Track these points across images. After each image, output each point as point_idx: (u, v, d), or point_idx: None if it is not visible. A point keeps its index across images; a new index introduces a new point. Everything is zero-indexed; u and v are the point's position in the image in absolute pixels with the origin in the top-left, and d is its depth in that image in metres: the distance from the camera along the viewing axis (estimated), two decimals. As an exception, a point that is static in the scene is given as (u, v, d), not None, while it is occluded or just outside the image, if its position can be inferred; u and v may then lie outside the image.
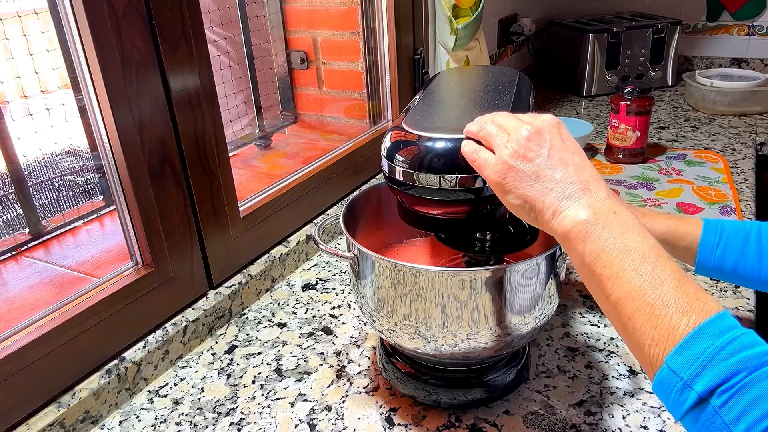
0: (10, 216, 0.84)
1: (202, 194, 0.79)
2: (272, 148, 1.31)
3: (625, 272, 0.43)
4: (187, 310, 0.80)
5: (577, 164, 0.48)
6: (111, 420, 0.70)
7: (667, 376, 0.39)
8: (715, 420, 0.36)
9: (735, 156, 1.33)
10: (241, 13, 1.19)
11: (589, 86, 1.81)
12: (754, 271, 0.66)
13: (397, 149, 0.58)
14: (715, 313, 0.39)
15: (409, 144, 0.57)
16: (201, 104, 0.76)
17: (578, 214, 0.46)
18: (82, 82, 0.66)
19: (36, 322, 0.65)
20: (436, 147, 0.55)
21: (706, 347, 0.38)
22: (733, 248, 0.67)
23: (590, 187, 0.47)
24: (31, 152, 0.87)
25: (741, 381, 0.36)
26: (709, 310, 0.39)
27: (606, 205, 0.46)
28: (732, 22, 1.89)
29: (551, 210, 0.47)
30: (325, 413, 0.68)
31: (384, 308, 0.62)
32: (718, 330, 0.38)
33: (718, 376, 0.36)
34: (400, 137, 0.58)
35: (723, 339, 0.38)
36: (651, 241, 0.44)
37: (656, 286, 0.41)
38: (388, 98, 1.26)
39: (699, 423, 0.37)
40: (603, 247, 0.44)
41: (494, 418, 0.66)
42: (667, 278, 0.41)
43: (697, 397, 0.37)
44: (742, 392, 0.36)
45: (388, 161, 0.58)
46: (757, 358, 0.37)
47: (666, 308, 0.40)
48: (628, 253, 0.43)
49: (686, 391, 0.38)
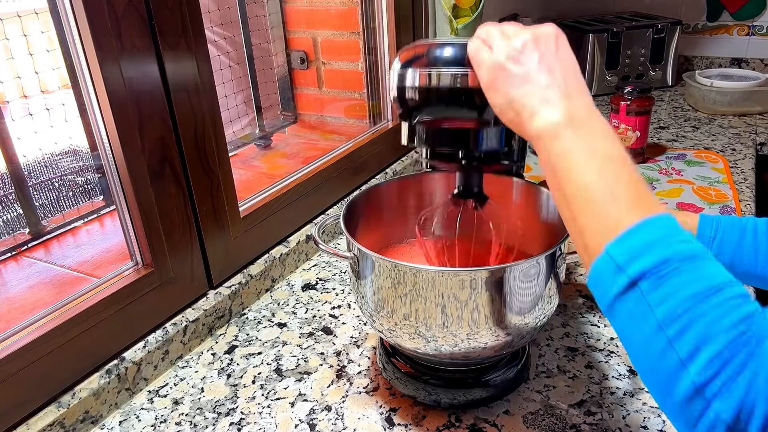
0: (10, 216, 0.85)
1: (202, 194, 0.79)
2: (272, 148, 1.31)
3: (585, 171, 0.44)
4: (187, 310, 0.81)
5: (565, 73, 0.50)
6: (111, 420, 0.70)
7: (603, 262, 0.40)
8: (639, 303, 0.38)
9: (735, 156, 1.33)
10: (241, 13, 1.19)
11: (589, 86, 1.81)
12: (750, 265, 0.66)
13: (412, 57, 0.59)
14: (663, 213, 0.41)
15: (421, 53, 0.59)
16: (201, 104, 0.76)
17: (552, 116, 0.47)
18: (82, 82, 0.66)
19: (36, 322, 0.65)
20: (449, 46, 0.58)
21: (648, 237, 0.39)
22: (729, 243, 0.67)
23: (571, 94, 0.48)
24: (31, 152, 0.87)
25: (672, 267, 0.37)
26: (657, 211, 0.41)
27: (582, 111, 0.48)
28: (732, 22, 1.89)
29: (529, 111, 0.49)
30: (325, 413, 0.68)
31: (384, 308, 0.62)
32: (662, 225, 0.40)
33: (652, 260, 0.38)
34: (410, 50, 0.60)
35: (664, 232, 0.39)
36: (618, 149, 0.45)
37: (612, 184, 0.43)
38: (388, 98, 1.26)
39: (624, 308, 0.39)
40: (570, 148, 0.46)
41: (494, 418, 0.66)
42: (625, 179, 0.43)
43: (627, 280, 0.38)
44: (670, 276, 0.37)
45: (402, 71, 0.59)
46: (690, 251, 0.38)
47: (616, 204, 0.42)
48: (593, 155, 0.45)
49: (619, 274, 0.39)
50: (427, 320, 0.60)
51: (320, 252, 1.04)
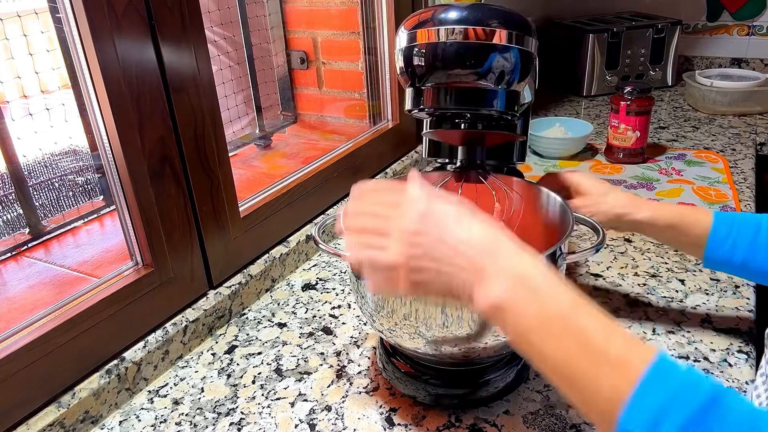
0: (10, 216, 0.84)
1: (202, 194, 0.79)
2: (272, 148, 1.31)
3: (549, 346, 0.41)
4: (187, 310, 0.81)
5: (461, 246, 0.46)
6: (111, 420, 0.70)
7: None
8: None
9: (735, 156, 1.33)
10: (241, 13, 1.19)
11: (589, 86, 1.81)
12: (765, 263, 0.66)
13: (418, 22, 0.61)
14: (654, 357, 0.38)
15: (426, 17, 0.61)
16: (201, 104, 0.76)
17: (485, 298, 0.44)
18: (82, 82, 0.66)
19: (36, 322, 0.65)
20: (454, 9, 0.60)
21: (658, 399, 0.37)
22: (743, 240, 0.66)
23: (485, 265, 0.45)
24: (31, 152, 0.87)
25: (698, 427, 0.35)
26: (644, 353, 0.39)
27: (509, 275, 0.44)
28: (732, 22, 1.89)
29: (465, 297, 0.46)
30: (325, 413, 0.68)
31: (384, 308, 0.62)
32: (662, 375, 0.38)
33: (674, 427, 0.36)
34: (415, 16, 0.62)
35: (670, 386, 0.37)
36: (566, 296, 0.42)
37: (585, 348, 0.40)
38: (388, 98, 1.26)
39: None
40: (521, 325, 0.43)
41: (494, 418, 0.66)
42: (592, 331, 0.40)
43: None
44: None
45: (411, 32, 0.61)
46: (705, 396, 0.36)
47: (601, 368, 0.39)
48: (546, 323, 0.42)
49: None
50: (427, 320, 0.60)
51: (320, 252, 1.04)
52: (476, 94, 0.62)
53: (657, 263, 0.93)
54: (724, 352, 0.74)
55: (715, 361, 0.72)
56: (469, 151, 0.69)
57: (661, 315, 0.81)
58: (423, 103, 0.64)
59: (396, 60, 0.65)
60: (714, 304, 0.83)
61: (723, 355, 0.73)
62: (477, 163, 0.69)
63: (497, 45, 0.59)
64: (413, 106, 0.65)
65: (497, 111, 0.62)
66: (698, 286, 0.87)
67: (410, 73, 0.63)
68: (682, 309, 0.82)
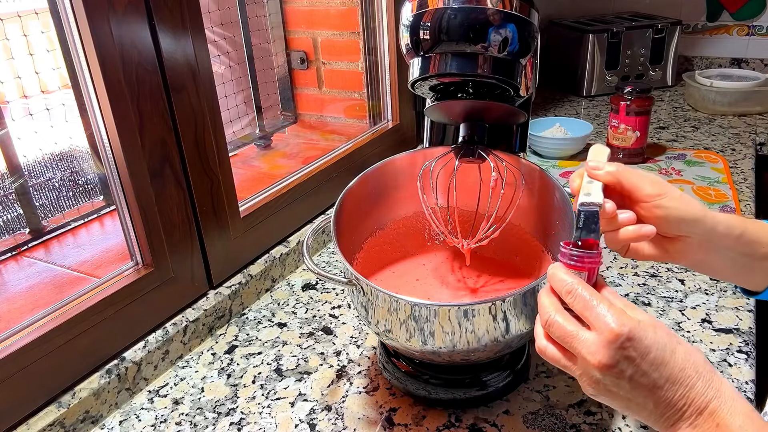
0: (10, 216, 0.85)
1: (202, 194, 0.79)
2: (272, 148, 1.31)
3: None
4: (187, 310, 0.81)
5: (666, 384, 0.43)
6: (111, 420, 0.70)
7: None
8: None
9: (735, 156, 1.33)
10: (241, 13, 1.19)
11: (589, 86, 1.81)
12: None
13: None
14: None
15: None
16: (201, 104, 0.77)
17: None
18: (82, 83, 0.66)
19: (36, 322, 0.65)
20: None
21: None
22: None
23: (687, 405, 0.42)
24: (31, 152, 0.87)
25: None
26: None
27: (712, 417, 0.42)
28: (732, 22, 1.89)
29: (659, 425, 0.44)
30: (325, 413, 0.68)
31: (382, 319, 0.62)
32: None
33: None
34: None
35: None
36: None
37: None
38: (388, 98, 1.26)
39: None
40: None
41: (494, 418, 0.66)
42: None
43: None
44: None
45: (419, 2, 0.62)
46: None
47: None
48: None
49: None
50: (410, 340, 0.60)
51: (320, 251, 1.04)
52: (479, 60, 0.62)
53: (657, 263, 0.93)
54: (724, 352, 0.74)
55: (715, 361, 0.72)
56: (471, 127, 0.69)
57: (661, 315, 0.81)
58: (429, 70, 0.64)
59: (401, 35, 0.65)
60: (714, 304, 0.83)
61: (723, 355, 0.73)
62: (477, 138, 0.69)
63: (501, 11, 0.60)
64: (421, 73, 0.65)
65: (497, 79, 0.63)
66: (698, 286, 0.87)
67: (415, 42, 0.64)
68: (682, 309, 0.82)
